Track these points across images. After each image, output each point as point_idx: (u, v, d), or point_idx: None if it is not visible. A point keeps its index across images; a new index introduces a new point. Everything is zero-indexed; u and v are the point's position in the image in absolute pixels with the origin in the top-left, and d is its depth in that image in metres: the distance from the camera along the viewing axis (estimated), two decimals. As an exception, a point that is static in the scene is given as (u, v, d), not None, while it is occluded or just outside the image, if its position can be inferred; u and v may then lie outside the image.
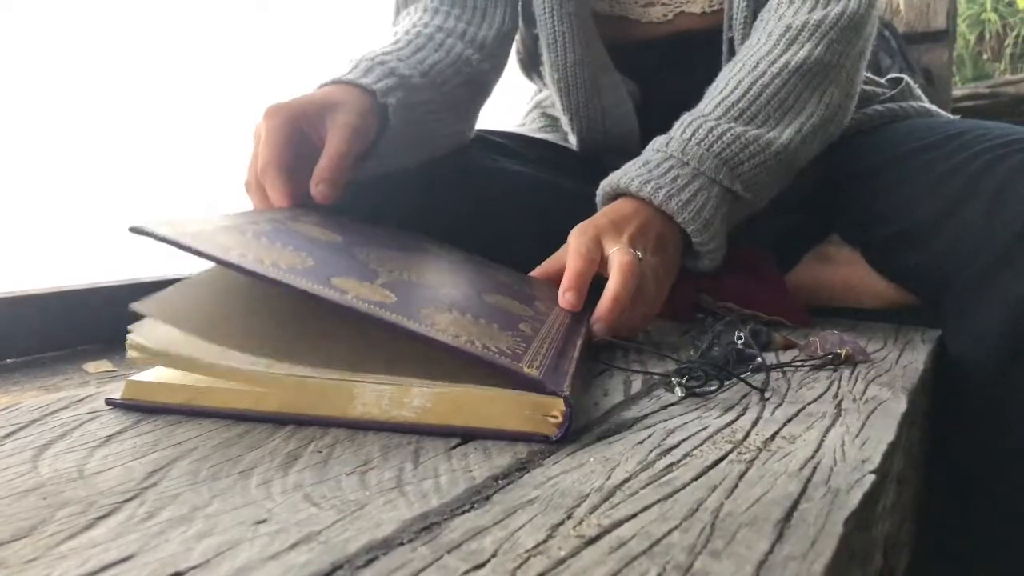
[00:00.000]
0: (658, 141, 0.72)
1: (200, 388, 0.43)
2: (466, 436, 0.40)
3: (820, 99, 0.75)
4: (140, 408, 0.43)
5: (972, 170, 0.72)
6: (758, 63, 0.74)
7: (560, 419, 0.39)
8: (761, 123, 0.72)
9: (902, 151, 0.80)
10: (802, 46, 0.75)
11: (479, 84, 0.82)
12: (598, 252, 0.62)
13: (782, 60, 0.74)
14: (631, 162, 0.71)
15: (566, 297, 0.59)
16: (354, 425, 0.41)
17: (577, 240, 0.63)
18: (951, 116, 0.94)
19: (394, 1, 0.88)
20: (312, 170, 0.63)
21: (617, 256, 0.61)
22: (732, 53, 0.84)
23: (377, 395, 0.41)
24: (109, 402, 0.44)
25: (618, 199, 0.69)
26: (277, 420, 0.41)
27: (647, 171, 0.68)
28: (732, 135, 0.69)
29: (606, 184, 0.70)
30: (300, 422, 0.41)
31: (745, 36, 0.83)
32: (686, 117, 0.72)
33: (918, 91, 0.95)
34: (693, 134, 0.70)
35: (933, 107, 0.93)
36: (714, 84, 0.76)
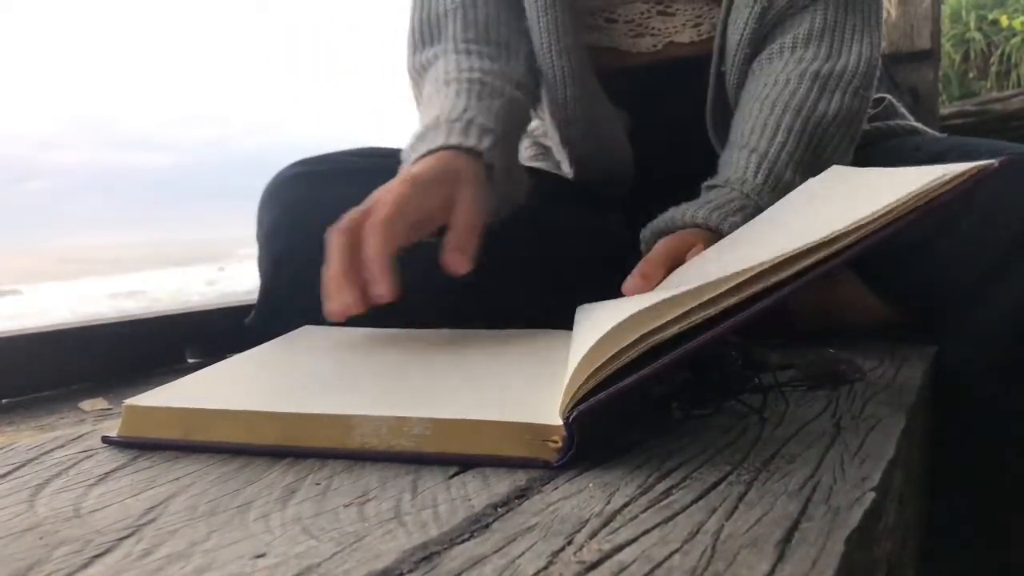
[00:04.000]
0: (727, 180, 0.72)
1: (198, 421, 0.43)
2: (465, 464, 0.40)
3: (848, 147, 0.77)
4: (137, 445, 0.43)
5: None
6: (800, 109, 0.75)
7: (560, 444, 0.39)
8: (807, 174, 0.73)
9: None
10: (833, 95, 0.76)
11: (526, 122, 0.83)
12: (681, 255, 0.63)
13: (820, 110, 0.75)
14: (690, 203, 0.71)
15: (631, 282, 0.60)
16: (353, 456, 0.41)
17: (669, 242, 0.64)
18: (938, 134, 0.95)
19: (408, 39, 0.86)
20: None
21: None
22: (721, 86, 0.85)
23: (375, 426, 0.41)
24: (106, 440, 0.44)
25: (676, 233, 0.68)
26: (276, 453, 0.41)
27: (715, 206, 0.69)
28: (794, 186, 0.70)
29: (664, 221, 0.70)
30: (299, 454, 0.41)
31: (741, 72, 0.83)
32: (750, 156, 0.73)
33: (903, 110, 0.96)
34: (766, 180, 0.71)
35: (919, 125, 0.94)
36: (755, 120, 0.76)
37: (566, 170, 0.93)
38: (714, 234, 0.67)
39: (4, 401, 0.63)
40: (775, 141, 0.73)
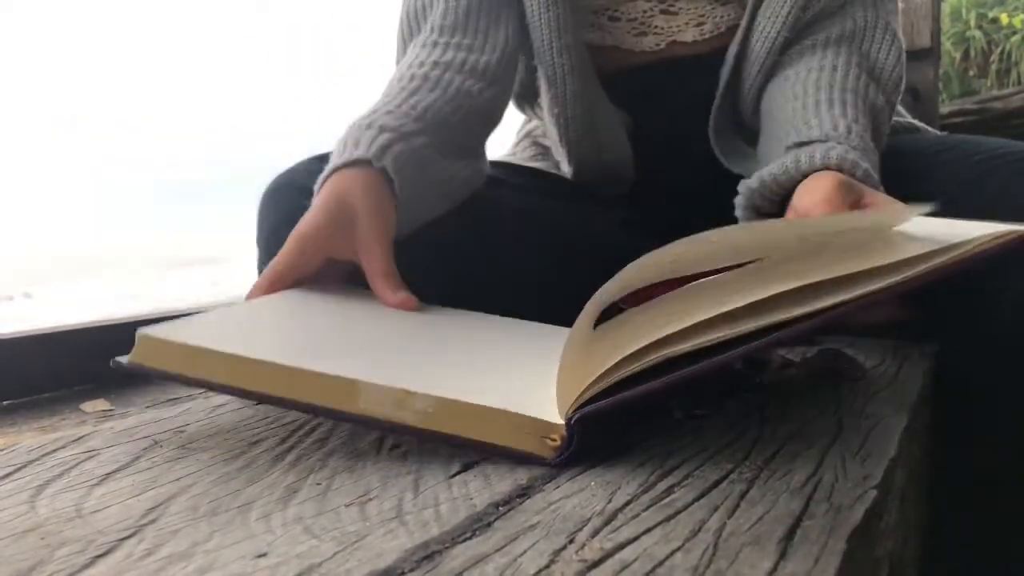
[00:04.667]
0: (827, 135, 0.69)
1: (207, 361, 0.43)
2: (464, 448, 0.40)
3: (881, 143, 0.77)
4: (145, 373, 0.44)
5: (965, 183, 0.73)
6: (856, 90, 0.74)
7: (559, 443, 0.39)
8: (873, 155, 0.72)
9: (892, 167, 0.81)
10: (876, 87, 0.76)
11: (485, 115, 0.81)
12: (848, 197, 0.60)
13: (871, 95, 0.75)
14: (797, 153, 0.67)
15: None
16: (357, 420, 0.42)
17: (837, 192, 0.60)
18: (938, 132, 0.95)
19: (398, 38, 0.87)
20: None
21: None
22: (740, 65, 0.85)
23: (381, 395, 0.41)
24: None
25: (808, 178, 0.65)
26: (277, 402, 0.43)
27: (845, 150, 0.65)
28: (874, 156, 0.69)
29: (770, 175, 0.67)
30: (299, 408, 0.43)
31: (766, 70, 0.83)
32: (826, 117, 0.70)
33: (901, 108, 0.96)
34: (861, 137, 0.68)
35: (919, 123, 0.94)
36: (810, 97, 0.74)
37: (565, 170, 0.93)
38: (848, 175, 0.63)
39: (6, 402, 0.63)
40: (848, 112, 0.71)
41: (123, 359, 0.45)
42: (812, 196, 0.61)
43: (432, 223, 0.75)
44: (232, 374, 0.43)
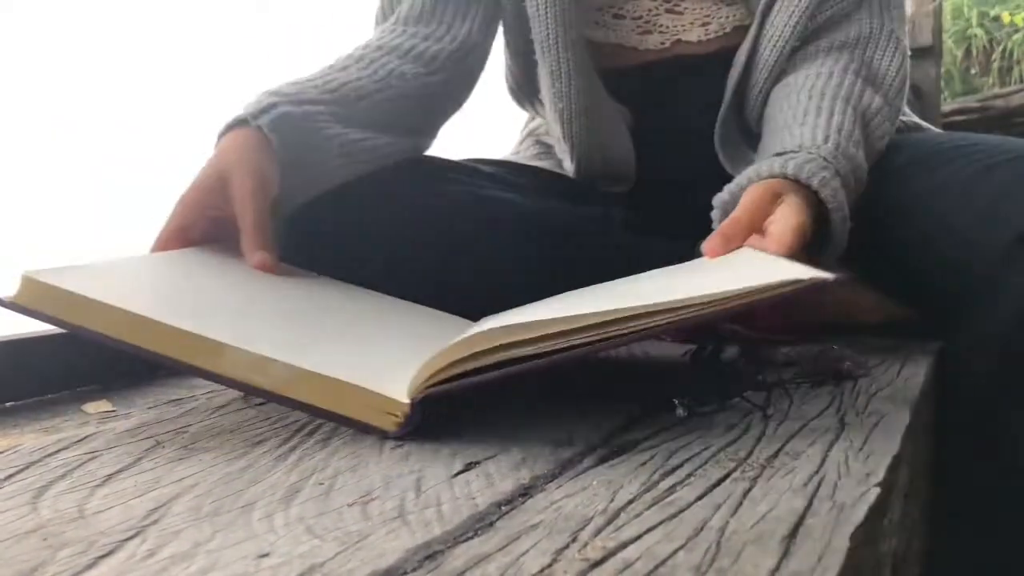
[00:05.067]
0: (800, 146, 0.70)
1: (86, 308, 0.46)
2: (314, 415, 0.45)
3: (884, 144, 0.78)
4: (22, 312, 0.46)
5: (965, 182, 0.72)
6: (848, 99, 0.75)
7: (401, 420, 0.43)
8: (866, 157, 0.73)
9: (893, 166, 0.81)
10: (875, 94, 0.77)
11: (419, 99, 0.82)
12: (772, 206, 0.62)
13: (865, 101, 0.76)
14: (765, 161, 0.69)
15: (711, 243, 0.59)
16: (218, 380, 0.45)
17: (752, 193, 0.63)
18: (939, 131, 0.95)
19: (375, 19, 0.90)
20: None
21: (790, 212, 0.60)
22: (748, 72, 0.85)
23: (241, 359, 0.45)
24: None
25: (763, 182, 0.67)
26: (153, 359, 0.46)
27: (802, 161, 0.67)
28: (858, 161, 0.70)
29: (745, 177, 0.68)
30: (172, 364, 0.46)
31: (774, 73, 0.83)
32: (814, 130, 0.71)
33: (906, 108, 0.96)
34: (837, 147, 0.69)
35: (924, 122, 0.94)
36: (806, 105, 0.75)
37: (568, 167, 0.93)
38: (801, 187, 0.65)
39: (8, 404, 0.63)
40: (833, 120, 0.73)
41: (5, 299, 0.47)
42: (741, 202, 0.64)
43: (431, 222, 0.76)
44: (107, 324, 0.46)
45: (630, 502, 0.34)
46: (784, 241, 0.58)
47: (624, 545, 0.29)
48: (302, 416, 0.48)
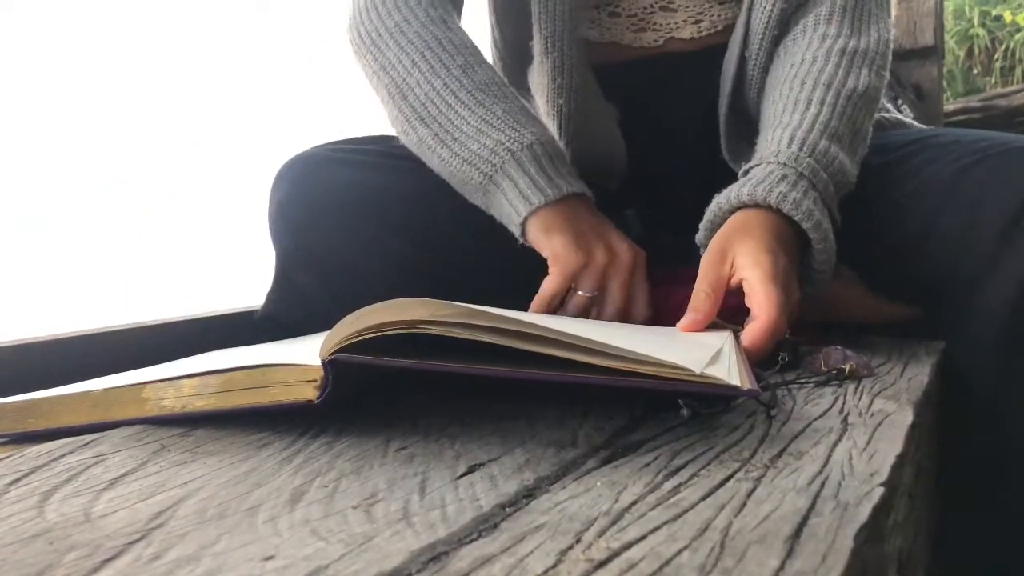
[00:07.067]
0: (761, 158, 0.72)
1: (34, 411, 0.49)
2: (254, 414, 0.46)
3: (871, 124, 0.77)
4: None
5: (948, 180, 0.73)
6: (830, 84, 0.75)
7: (319, 382, 0.43)
8: (842, 148, 0.72)
9: (876, 163, 0.81)
10: (860, 71, 0.76)
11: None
12: (725, 267, 0.63)
13: (849, 84, 0.75)
14: (731, 186, 0.70)
15: (686, 320, 0.61)
16: (151, 421, 0.47)
17: (704, 261, 0.64)
18: (922, 127, 0.96)
19: None
20: None
21: (758, 279, 0.61)
22: (742, 71, 0.85)
23: (165, 389, 0.47)
24: None
25: (730, 217, 0.68)
26: (91, 429, 0.47)
27: (756, 181, 0.68)
28: (832, 155, 0.70)
29: (711, 212, 0.70)
30: (106, 428, 0.47)
31: (767, 56, 0.83)
32: (782, 132, 0.72)
33: (887, 104, 0.96)
34: (801, 148, 0.69)
35: (904, 118, 0.94)
36: (785, 100, 0.76)
37: None
38: (766, 210, 0.66)
39: (13, 409, 0.63)
40: (807, 113, 0.73)
41: None
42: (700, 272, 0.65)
43: (430, 221, 0.76)
44: (57, 416, 0.49)
45: (634, 503, 0.34)
46: (770, 319, 0.59)
47: (628, 546, 0.29)
48: (306, 419, 0.48)
